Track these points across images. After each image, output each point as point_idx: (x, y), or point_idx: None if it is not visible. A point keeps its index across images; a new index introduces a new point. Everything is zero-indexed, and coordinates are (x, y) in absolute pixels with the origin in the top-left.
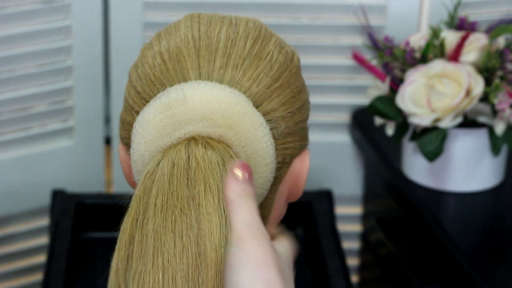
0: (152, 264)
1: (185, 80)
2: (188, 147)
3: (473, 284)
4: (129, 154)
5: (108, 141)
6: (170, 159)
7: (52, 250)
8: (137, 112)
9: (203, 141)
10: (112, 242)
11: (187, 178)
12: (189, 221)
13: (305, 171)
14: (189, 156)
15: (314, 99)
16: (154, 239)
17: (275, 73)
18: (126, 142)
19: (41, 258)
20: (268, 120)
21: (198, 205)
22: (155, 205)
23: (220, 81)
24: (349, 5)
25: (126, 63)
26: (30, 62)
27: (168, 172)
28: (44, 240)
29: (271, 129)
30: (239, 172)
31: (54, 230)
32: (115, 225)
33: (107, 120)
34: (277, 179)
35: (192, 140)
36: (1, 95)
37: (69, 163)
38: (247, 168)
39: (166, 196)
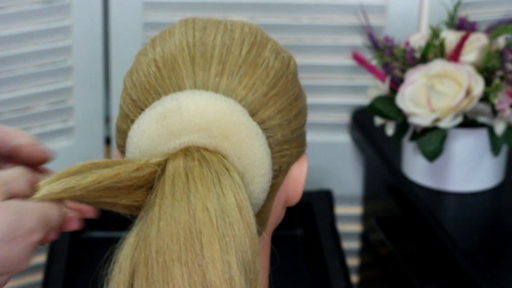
0: None
1: (180, 88)
2: (185, 164)
3: (473, 284)
4: None
5: (108, 141)
6: (170, 178)
7: (52, 250)
8: (132, 121)
9: (199, 156)
10: (112, 242)
11: (187, 203)
12: (193, 249)
13: (303, 176)
14: (187, 177)
15: (314, 99)
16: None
17: (271, 80)
18: (122, 150)
19: (41, 258)
20: (265, 129)
21: (200, 233)
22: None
23: (216, 89)
24: (349, 5)
25: (126, 64)
26: (30, 62)
27: (170, 195)
28: None
29: (267, 137)
30: None
31: None
32: (115, 225)
33: (107, 120)
34: (274, 187)
35: (188, 154)
36: (1, 95)
37: (69, 163)
38: None
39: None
